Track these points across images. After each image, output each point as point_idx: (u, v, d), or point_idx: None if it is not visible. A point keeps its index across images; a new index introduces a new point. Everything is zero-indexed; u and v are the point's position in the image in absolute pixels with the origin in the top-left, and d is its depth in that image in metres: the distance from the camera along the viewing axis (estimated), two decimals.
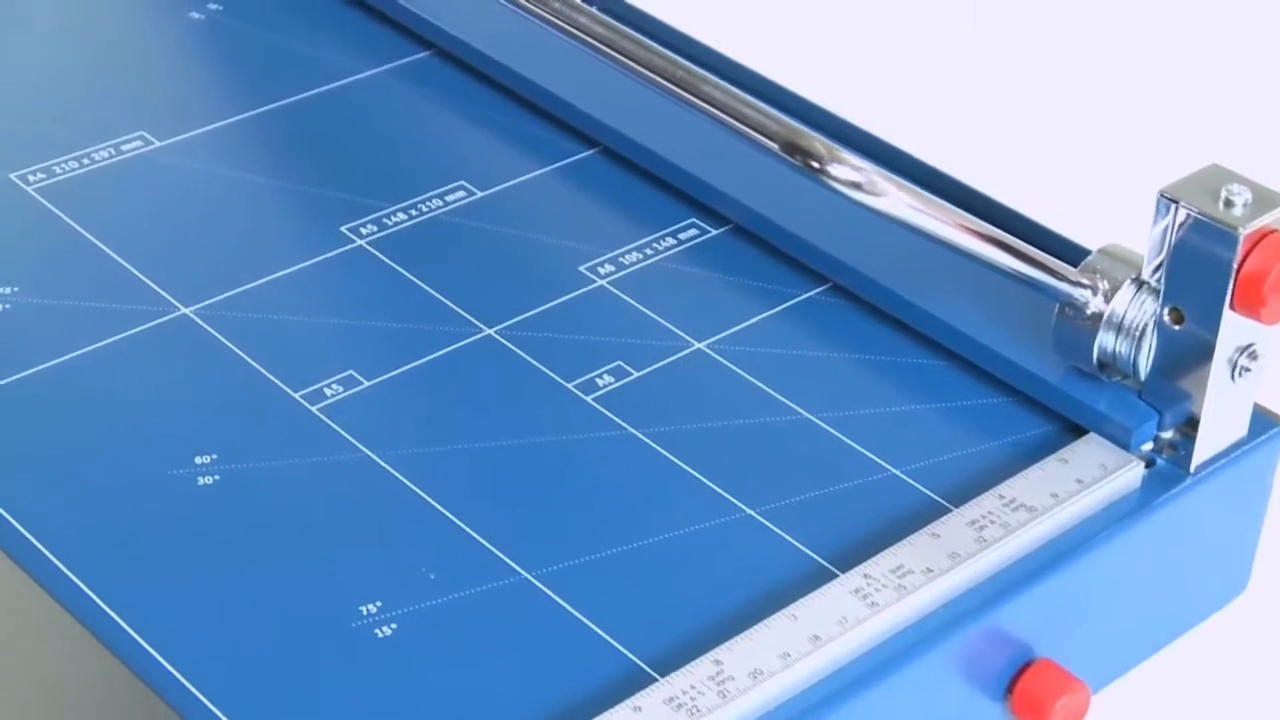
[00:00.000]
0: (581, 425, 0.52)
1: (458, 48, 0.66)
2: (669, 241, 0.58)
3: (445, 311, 0.55)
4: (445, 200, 0.60)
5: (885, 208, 0.45)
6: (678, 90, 0.50)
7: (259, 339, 0.54)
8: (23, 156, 0.60)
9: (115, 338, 0.54)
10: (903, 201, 0.45)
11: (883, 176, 0.45)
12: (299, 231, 0.58)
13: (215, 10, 0.68)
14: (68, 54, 0.66)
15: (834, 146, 0.45)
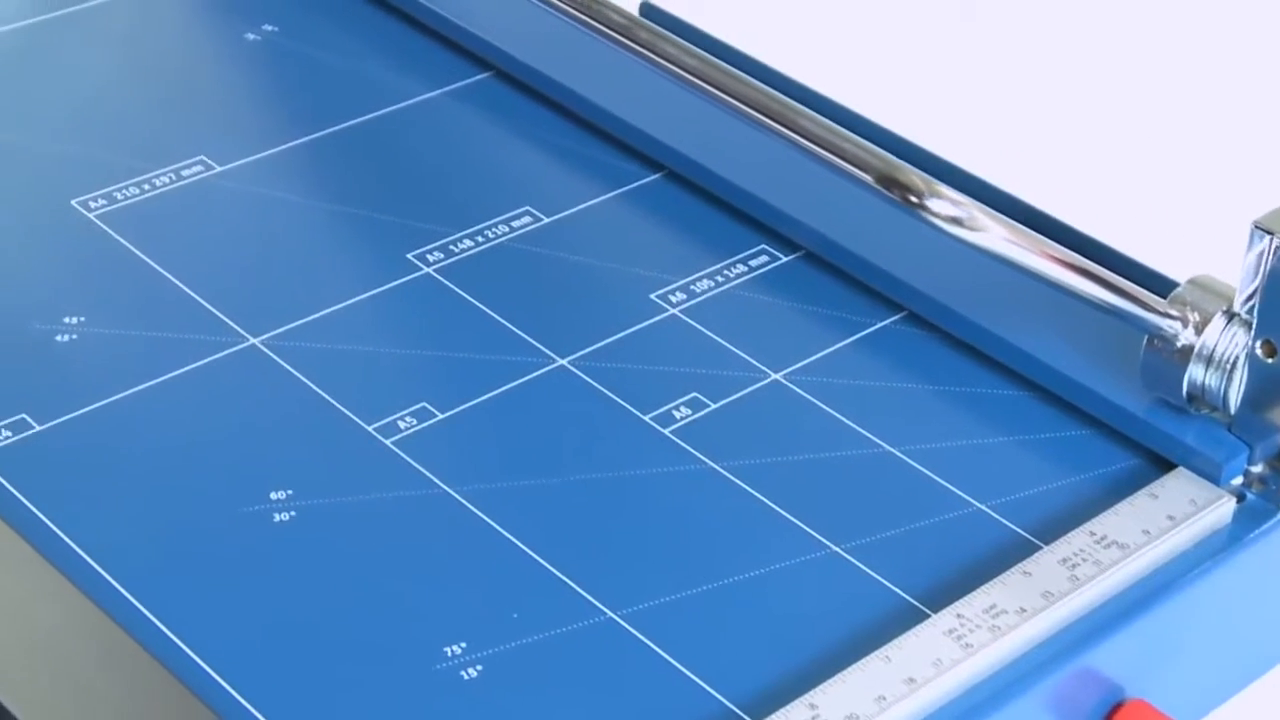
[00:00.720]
0: (660, 459, 0.51)
1: (517, 69, 0.65)
2: (740, 269, 0.58)
3: (517, 341, 0.55)
4: (511, 226, 0.59)
5: (983, 243, 0.45)
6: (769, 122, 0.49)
7: (329, 370, 0.53)
8: (83, 182, 0.59)
9: (184, 369, 0.53)
10: (1001, 236, 0.44)
11: (982, 211, 0.44)
12: (365, 258, 0.57)
13: (271, 31, 0.67)
14: (124, 76, 0.65)
15: (932, 180, 0.44)
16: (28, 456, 0.50)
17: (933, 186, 0.44)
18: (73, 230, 0.58)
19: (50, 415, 0.51)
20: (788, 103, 0.53)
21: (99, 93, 0.64)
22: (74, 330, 0.54)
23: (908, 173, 0.44)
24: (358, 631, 0.46)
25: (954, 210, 0.44)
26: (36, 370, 0.52)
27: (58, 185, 0.59)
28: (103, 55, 0.66)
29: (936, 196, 0.44)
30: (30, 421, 0.51)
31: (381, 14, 0.68)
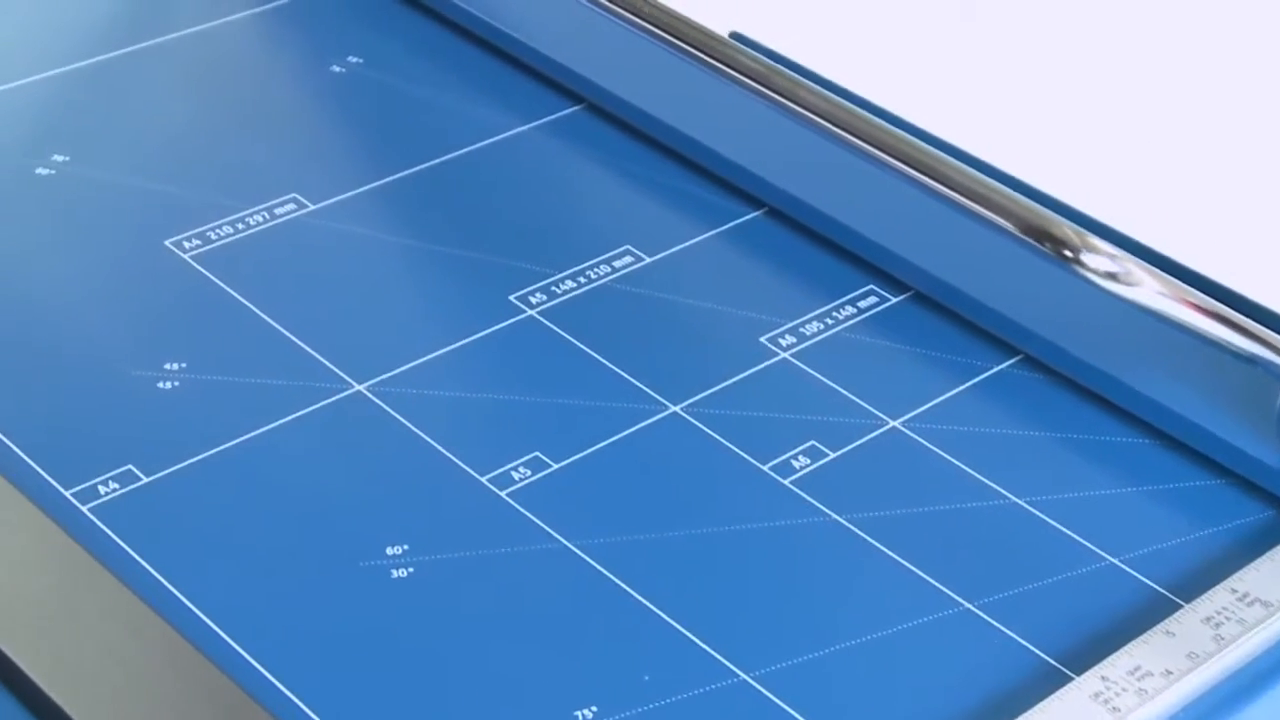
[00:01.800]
0: (783, 511, 0.50)
1: (609, 101, 0.64)
2: (849, 310, 0.57)
3: (627, 387, 0.53)
4: (613, 266, 0.58)
5: (1138, 298, 0.43)
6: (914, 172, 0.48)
7: (437, 418, 0.52)
8: (176, 222, 0.58)
9: (290, 417, 0.52)
10: (1154, 290, 0.43)
11: (1136, 265, 0.43)
12: (467, 300, 0.56)
13: (356, 63, 0.66)
14: (210, 110, 0.64)
15: (1083, 233, 0.43)
16: (136, 509, 0.49)
17: (1086, 239, 0.43)
18: (168, 271, 0.57)
19: (157, 466, 0.50)
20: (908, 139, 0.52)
21: (186, 128, 0.63)
22: (176, 377, 0.53)
23: (1060, 225, 0.43)
24: (484, 694, 0.44)
25: (1110, 265, 0.43)
26: (140, 419, 0.51)
27: (150, 225, 0.58)
28: (187, 88, 0.65)
29: (1091, 251, 0.43)
30: (137, 473, 0.50)
31: (467, 44, 0.67)
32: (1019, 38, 0.76)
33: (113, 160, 0.60)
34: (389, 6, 0.69)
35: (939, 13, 0.78)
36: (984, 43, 0.76)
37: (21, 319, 0.54)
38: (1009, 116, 0.72)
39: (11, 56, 0.65)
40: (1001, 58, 0.75)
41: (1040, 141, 0.71)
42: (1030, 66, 0.74)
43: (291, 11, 0.68)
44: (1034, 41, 0.76)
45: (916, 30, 0.77)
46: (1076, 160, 0.70)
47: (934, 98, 0.70)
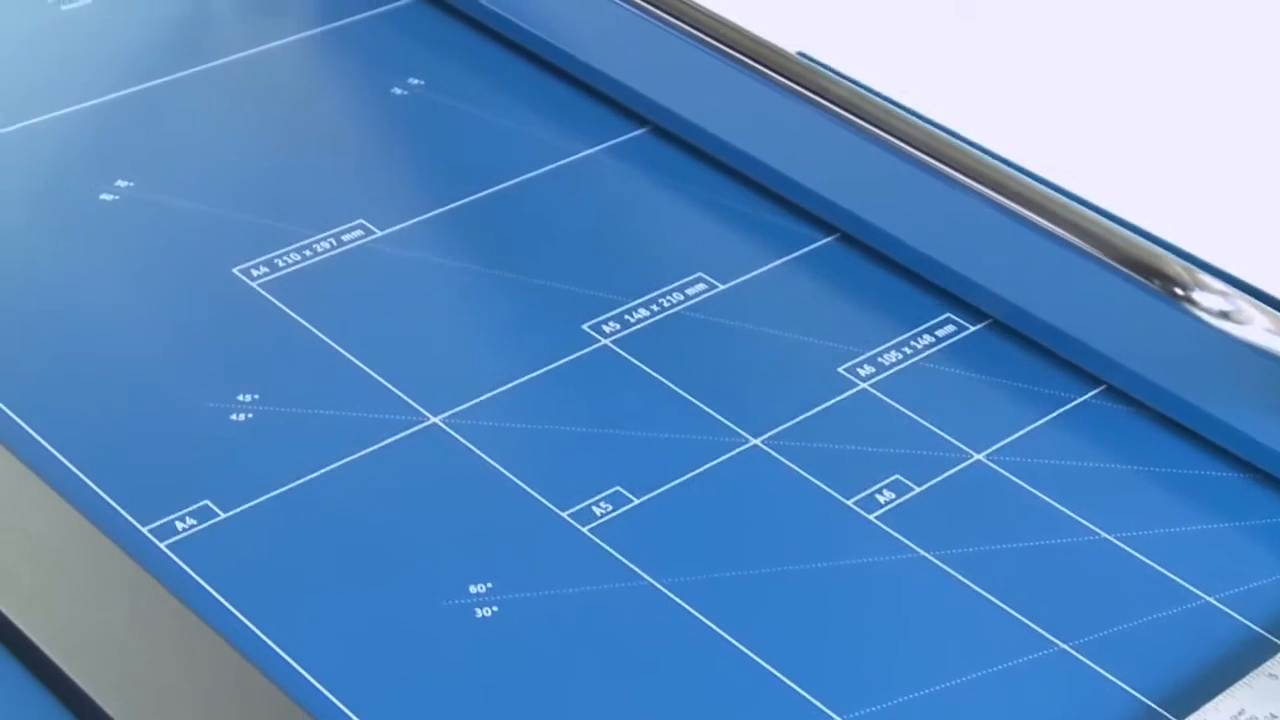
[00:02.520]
0: (870, 547, 0.49)
1: (675, 124, 0.63)
2: (927, 339, 0.56)
3: (706, 419, 0.53)
4: (686, 294, 0.57)
5: (1246, 336, 0.43)
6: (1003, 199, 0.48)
7: (516, 451, 0.51)
8: (243, 249, 0.58)
9: (366, 450, 0.51)
10: (1263, 328, 0.42)
11: (1248, 302, 0.42)
12: (539, 329, 0.55)
13: (417, 85, 0.65)
14: (273, 135, 0.63)
15: (1194, 269, 0.42)
16: (214, 545, 0.48)
17: (1196, 277, 0.42)
18: (236, 299, 0.56)
19: (234, 502, 0.49)
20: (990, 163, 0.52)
21: (249, 152, 0.62)
22: (249, 409, 0.52)
23: (1170, 262, 0.42)
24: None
25: (1223, 304, 0.42)
26: (215, 452, 0.51)
27: (218, 251, 0.57)
28: (247, 112, 0.64)
29: (1203, 289, 0.42)
30: (214, 509, 0.49)
31: (528, 65, 0.66)
32: (1099, 58, 0.76)
33: (177, 186, 0.60)
34: (449, 27, 0.68)
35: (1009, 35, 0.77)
36: (1063, 69, 0.75)
37: (90, 349, 0.54)
38: (1070, 135, 0.71)
39: (71, 80, 0.64)
40: (1080, 85, 0.75)
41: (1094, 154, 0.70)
42: (1103, 86, 0.74)
43: (349, 33, 0.68)
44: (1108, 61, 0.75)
45: (981, 52, 0.76)
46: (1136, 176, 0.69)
47: (1006, 120, 0.69)
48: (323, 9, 0.69)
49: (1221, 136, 0.69)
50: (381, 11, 0.69)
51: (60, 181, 0.60)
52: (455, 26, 0.68)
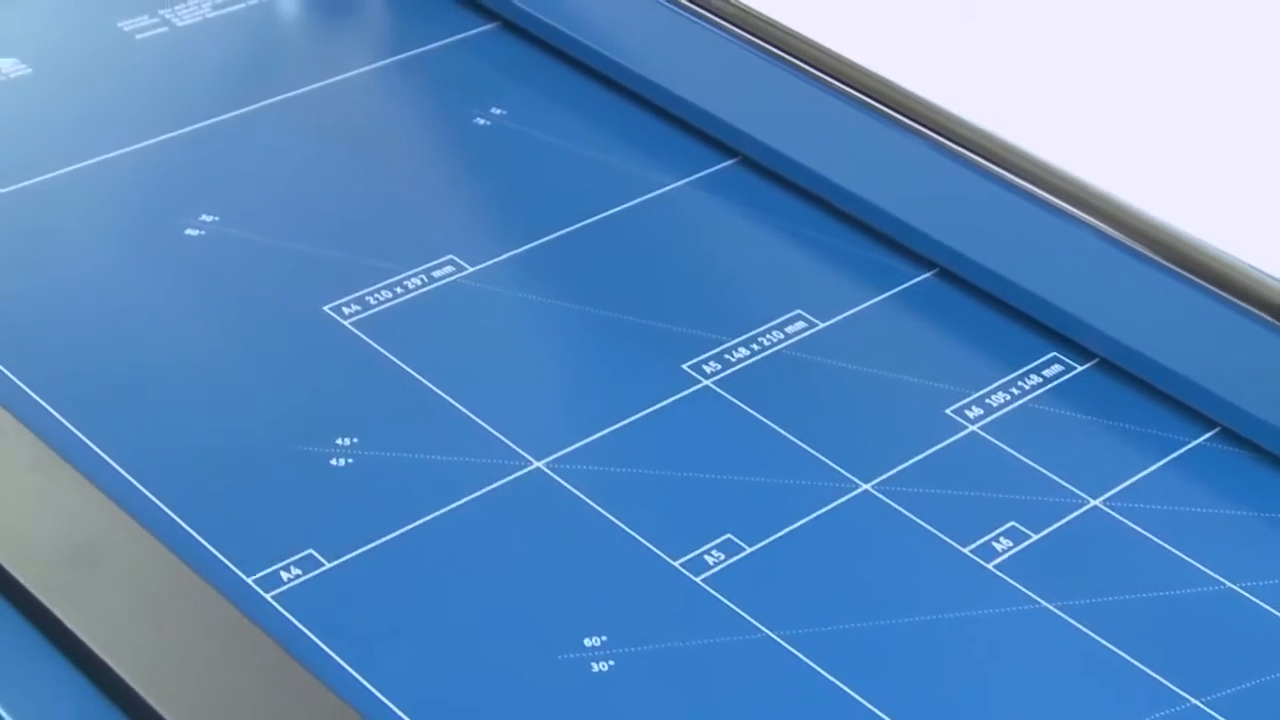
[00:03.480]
0: (991, 597, 0.48)
1: (765, 155, 0.62)
2: (1034, 379, 0.55)
3: (814, 463, 0.51)
4: (785, 332, 0.56)
5: None
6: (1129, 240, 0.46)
7: (622, 496, 0.50)
8: (333, 286, 0.56)
9: (470, 496, 0.50)
10: None
11: None
12: (639, 369, 0.54)
13: (499, 115, 0.64)
14: (356, 167, 0.62)
15: None
16: (320, 596, 0.47)
17: None
18: (329, 339, 0.55)
19: (338, 551, 0.48)
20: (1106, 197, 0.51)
21: (332, 185, 0.61)
22: (348, 453, 0.51)
23: None
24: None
25: None
26: (315, 499, 0.49)
27: (307, 289, 0.56)
28: (329, 142, 0.63)
29: None
30: (319, 558, 0.48)
31: (611, 94, 0.65)
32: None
33: (262, 220, 0.59)
34: (527, 54, 0.67)
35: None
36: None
37: (183, 392, 0.53)
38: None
39: (148, 111, 0.63)
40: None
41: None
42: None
43: (427, 61, 0.67)
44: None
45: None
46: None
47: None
48: (400, 36, 0.68)
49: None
50: (459, 39, 0.68)
51: (143, 217, 0.59)
52: (534, 53, 0.67)
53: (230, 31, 0.68)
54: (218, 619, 0.45)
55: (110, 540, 0.47)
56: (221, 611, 0.45)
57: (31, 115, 0.62)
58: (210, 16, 0.68)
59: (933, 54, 0.62)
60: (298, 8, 0.69)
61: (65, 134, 0.62)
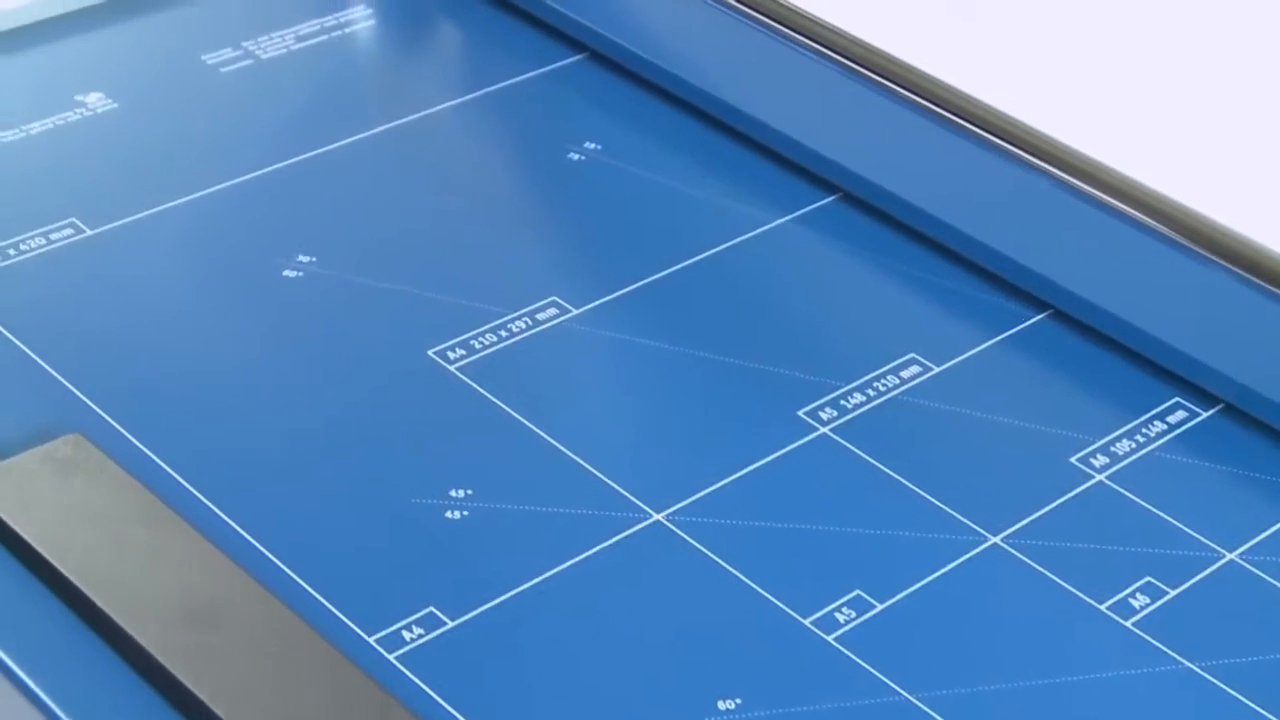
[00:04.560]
0: (1132, 657, 0.46)
1: (868, 191, 0.60)
2: (1158, 426, 0.53)
3: (939, 515, 0.50)
4: (900, 377, 0.55)
5: None
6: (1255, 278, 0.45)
7: (745, 550, 0.49)
8: (437, 329, 0.55)
9: (591, 550, 0.49)
10: None
11: None
12: (754, 416, 0.53)
13: (593, 150, 0.63)
14: (451, 204, 0.60)
15: None
16: (444, 656, 0.46)
17: None
18: (435, 385, 0.53)
19: (460, 609, 0.47)
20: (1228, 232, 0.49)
21: (428, 223, 0.60)
22: (463, 505, 0.50)
23: None
24: None
25: None
26: (433, 554, 0.48)
27: (410, 332, 0.55)
28: (421, 178, 0.62)
29: None
30: (440, 616, 0.46)
31: (705, 127, 0.64)
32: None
33: (359, 261, 0.57)
34: (618, 86, 0.66)
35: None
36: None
37: (289, 441, 0.51)
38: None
39: (238, 147, 0.62)
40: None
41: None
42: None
43: (518, 94, 0.65)
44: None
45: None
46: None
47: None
48: (486, 68, 0.67)
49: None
50: (547, 71, 0.67)
51: (239, 258, 0.58)
52: (624, 85, 0.66)
53: (314, 64, 0.66)
54: (343, 681, 0.44)
55: (229, 599, 0.46)
56: (346, 674, 0.44)
57: (120, 152, 0.61)
58: (294, 49, 0.67)
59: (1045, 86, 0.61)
60: (380, 39, 0.68)
61: (154, 171, 0.60)
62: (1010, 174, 0.58)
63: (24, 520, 0.47)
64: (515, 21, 0.69)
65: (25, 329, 0.54)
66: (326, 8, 0.69)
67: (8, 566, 0.47)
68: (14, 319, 0.54)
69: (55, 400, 0.52)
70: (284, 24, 0.68)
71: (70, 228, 0.58)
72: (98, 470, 0.48)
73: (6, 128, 0.61)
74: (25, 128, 0.61)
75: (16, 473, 0.48)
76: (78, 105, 0.63)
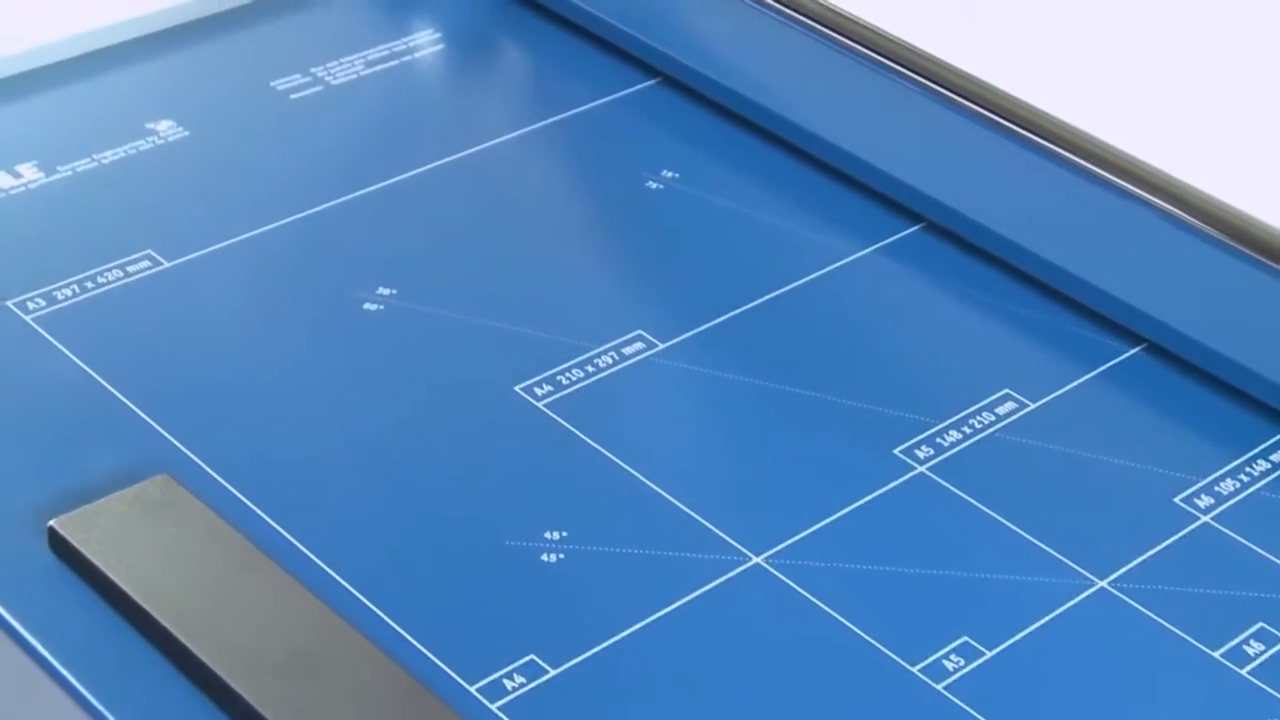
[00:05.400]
0: (1249, 708, 0.45)
1: (953, 220, 0.59)
2: (1262, 465, 0.52)
3: (1044, 558, 0.49)
4: (996, 414, 0.54)
5: None
6: None
7: (848, 595, 0.48)
8: (522, 364, 0.54)
9: (692, 595, 0.47)
10: None
11: None
12: (849, 454, 0.52)
13: (671, 178, 0.62)
14: (528, 234, 0.59)
15: None
16: (546, 705, 0.44)
17: None
18: (523, 422, 0.52)
19: (561, 656, 0.46)
20: None
21: (507, 252, 0.58)
22: (558, 548, 0.49)
23: None
24: None
25: None
26: (530, 598, 0.47)
27: (496, 367, 0.54)
28: (497, 207, 0.61)
29: None
30: (542, 664, 0.45)
31: (783, 154, 0.63)
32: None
33: (440, 293, 0.56)
34: (693, 112, 0.65)
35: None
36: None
37: (378, 481, 0.50)
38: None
39: (312, 176, 0.61)
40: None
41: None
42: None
43: (590, 121, 0.64)
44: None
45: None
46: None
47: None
48: (558, 93, 0.66)
49: None
50: (619, 97, 0.66)
51: (318, 290, 0.56)
52: (698, 111, 0.65)
53: (384, 90, 0.65)
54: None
55: (328, 647, 0.44)
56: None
57: (193, 181, 0.60)
58: (363, 74, 0.66)
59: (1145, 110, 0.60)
60: (449, 63, 0.67)
61: (228, 201, 0.59)
62: (1103, 202, 0.57)
63: (116, 564, 0.46)
64: (583, 44, 0.68)
65: (106, 365, 0.53)
66: (393, 32, 0.68)
67: (100, 611, 0.46)
68: (95, 354, 0.53)
69: (138, 437, 0.51)
70: (352, 49, 0.67)
71: (147, 260, 0.57)
72: (189, 512, 0.47)
73: (80, 156, 0.60)
74: (98, 156, 0.61)
75: (106, 515, 0.47)
76: (149, 133, 0.62)
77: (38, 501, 0.49)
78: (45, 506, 0.48)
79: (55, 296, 0.55)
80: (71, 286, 0.55)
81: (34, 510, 0.48)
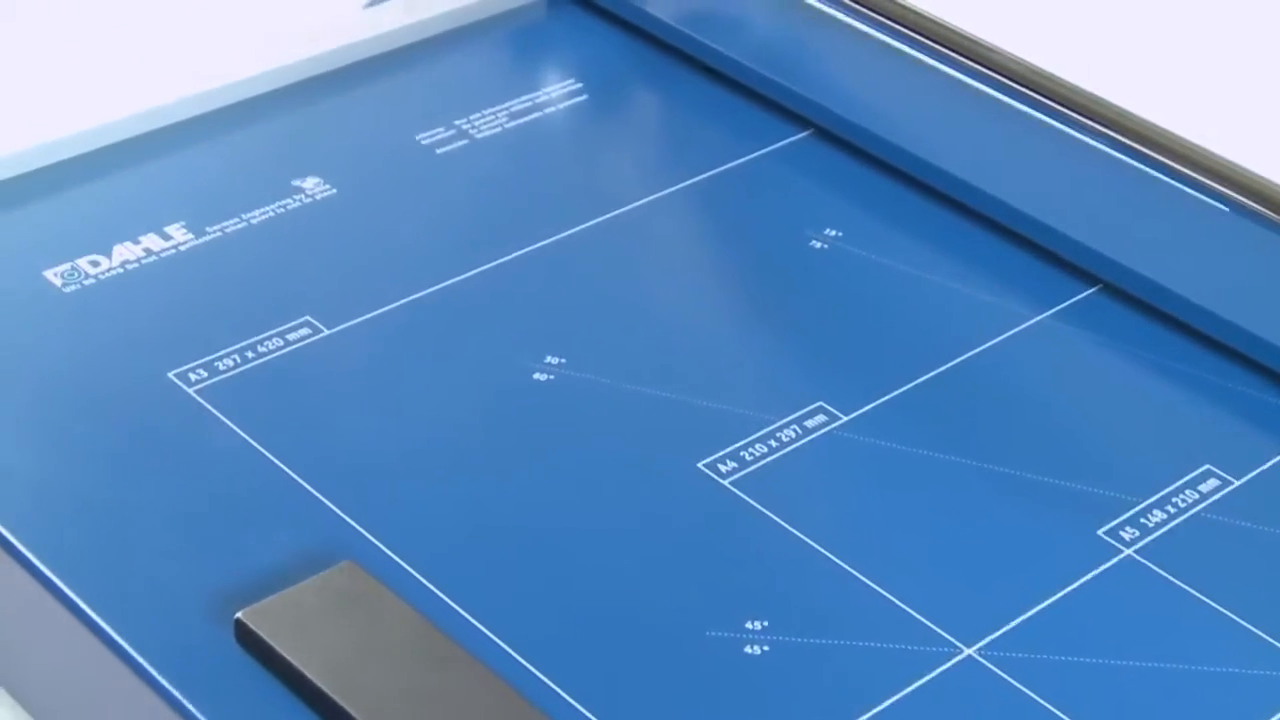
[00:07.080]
0: None
1: (1129, 281, 0.57)
2: None
3: (1266, 649, 0.47)
4: (1199, 492, 0.51)
5: None
6: None
7: (1070, 691, 0.45)
8: (703, 440, 0.52)
9: (905, 690, 0.45)
10: None
11: None
12: (1052, 536, 0.50)
13: (835, 236, 0.60)
14: (694, 297, 0.57)
15: None
16: None
17: None
18: (709, 500, 0.50)
19: None
20: None
21: (674, 317, 0.56)
22: (761, 639, 0.46)
23: None
24: None
25: None
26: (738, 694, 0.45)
27: (677, 443, 0.51)
28: (657, 269, 0.58)
29: None
30: None
31: (951, 214, 0.60)
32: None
33: (610, 361, 0.54)
34: (851, 167, 0.62)
35: None
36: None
37: (564, 565, 0.48)
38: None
39: (466, 236, 0.58)
40: None
41: None
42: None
43: (745, 175, 0.62)
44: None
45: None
46: None
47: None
48: (709, 146, 0.63)
49: None
50: (773, 149, 0.63)
51: (485, 358, 0.54)
52: (856, 164, 0.63)
53: (530, 143, 0.63)
54: None
55: None
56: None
57: (345, 242, 0.58)
58: (508, 127, 0.64)
59: None
60: (594, 115, 0.65)
61: (383, 263, 0.57)
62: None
63: (309, 658, 0.44)
64: (725, 92, 0.66)
65: (274, 439, 0.51)
66: (535, 82, 0.66)
67: (291, 706, 0.44)
68: (261, 428, 0.51)
69: (312, 516, 0.49)
70: (495, 99, 0.65)
71: (307, 327, 0.55)
72: (379, 602, 0.45)
73: (228, 216, 0.58)
74: (246, 216, 0.59)
75: (294, 606, 0.45)
76: (296, 191, 0.60)
77: (217, 585, 0.47)
78: (225, 592, 0.47)
79: (217, 367, 0.53)
80: (233, 356, 0.53)
81: (212, 596, 0.46)
